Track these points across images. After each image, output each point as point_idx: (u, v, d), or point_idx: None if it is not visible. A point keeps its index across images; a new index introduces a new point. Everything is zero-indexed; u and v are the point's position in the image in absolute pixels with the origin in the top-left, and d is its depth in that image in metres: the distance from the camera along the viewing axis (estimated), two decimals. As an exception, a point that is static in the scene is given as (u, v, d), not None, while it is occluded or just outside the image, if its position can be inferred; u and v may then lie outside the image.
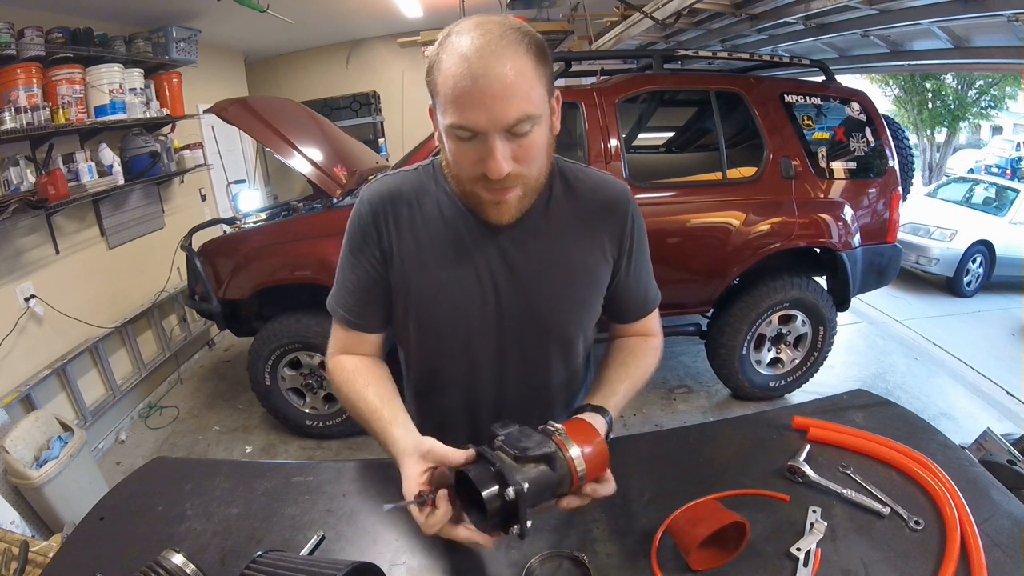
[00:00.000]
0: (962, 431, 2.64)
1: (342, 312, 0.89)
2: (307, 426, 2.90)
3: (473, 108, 0.68)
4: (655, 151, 3.24)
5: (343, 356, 0.90)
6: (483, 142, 0.70)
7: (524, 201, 0.79)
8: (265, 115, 2.95)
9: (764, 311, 2.86)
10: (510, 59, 0.67)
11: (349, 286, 0.88)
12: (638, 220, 0.92)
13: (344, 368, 0.89)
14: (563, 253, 0.86)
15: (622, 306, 0.96)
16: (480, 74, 0.66)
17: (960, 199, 6.34)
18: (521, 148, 0.71)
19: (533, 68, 0.69)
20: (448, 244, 0.84)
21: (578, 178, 0.89)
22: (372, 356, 0.92)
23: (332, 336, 0.93)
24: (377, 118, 6.21)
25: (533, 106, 0.69)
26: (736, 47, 4.42)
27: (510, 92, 0.67)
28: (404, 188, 0.86)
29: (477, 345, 0.87)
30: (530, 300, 0.86)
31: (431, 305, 0.85)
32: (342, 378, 0.88)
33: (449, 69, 0.69)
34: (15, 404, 2.41)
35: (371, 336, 0.91)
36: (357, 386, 0.85)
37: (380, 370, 0.90)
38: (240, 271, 2.70)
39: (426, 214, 0.85)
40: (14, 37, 2.45)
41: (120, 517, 0.84)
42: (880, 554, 0.69)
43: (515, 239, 0.84)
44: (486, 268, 0.84)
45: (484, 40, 0.68)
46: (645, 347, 0.95)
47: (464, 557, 0.73)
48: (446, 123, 0.71)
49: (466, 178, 0.76)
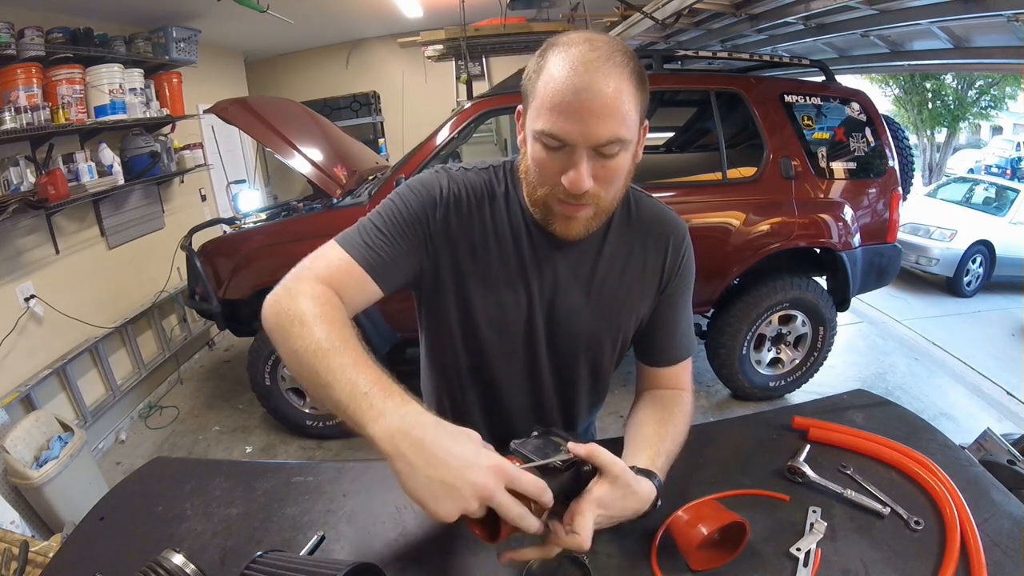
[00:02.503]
0: (962, 431, 2.64)
1: (365, 252, 0.76)
2: (307, 426, 2.90)
3: (569, 119, 0.67)
4: (655, 151, 3.24)
5: (330, 289, 0.73)
6: (569, 155, 0.69)
7: (593, 222, 0.78)
8: (265, 115, 2.95)
9: (764, 311, 2.86)
10: (615, 80, 0.67)
11: (385, 240, 0.78)
12: (688, 261, 0.90)
13: (336, 304, 0.71)
14: (612, 282, 0.86)
15: (652, 344, 0.92)
16: (583, 87, 0.66)
17: (960, 199, 6.34)
18: (605, 169, 0.71)
19: (633, 93, 0.69)
20: (509, 254, 0.83)
21: (640, 206, 0.88)
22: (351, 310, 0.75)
23: (320, 259, 0.77)
24: (377, 118, 6.21)
25: (626, 130, 0.69)
26: (736, 47, 4.42)
27: (608, 112, 0.67)
28: (480, 187, 0.84)
29: (515, 356, 0.88)
30: (574, 324, 0.86)
31: (479, 313, 0.84)
32: (329, 313, 0.68)
33: (552, 76, 0.68)
34: (15, 404, 2.41)
35: (373, 289, 0.77)
36: (349, 331, 0.67)
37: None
38: (240, 271, 2.70)
39: (495, 218, 0.83)
40: (14, 37, 2.45)
41: (120, 517, 0.84)
42: (880, 554, 0.69)
43: (572, 260, 0.84)
44: (538, 287, 0.84)
45: (593, 56, 0.67)
46: (679, 404, 0.88)
47: (464, 557, 0.73)
48: (536, 128, 0.70)
49: (544, 186, 0.74)
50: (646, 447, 0.78)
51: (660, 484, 0.71)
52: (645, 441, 0.79)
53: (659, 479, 0.72)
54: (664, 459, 0.76)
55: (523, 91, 0.74)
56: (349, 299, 0.74)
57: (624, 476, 0.65)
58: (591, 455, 0.64)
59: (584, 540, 0.61)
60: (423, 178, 0.83)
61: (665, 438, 0.80)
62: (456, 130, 2.72)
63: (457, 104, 4.25)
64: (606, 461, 0.65)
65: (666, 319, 0.91)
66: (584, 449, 0.64)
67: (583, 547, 0.61)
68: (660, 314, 0.91)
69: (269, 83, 5.94)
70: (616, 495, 0.65)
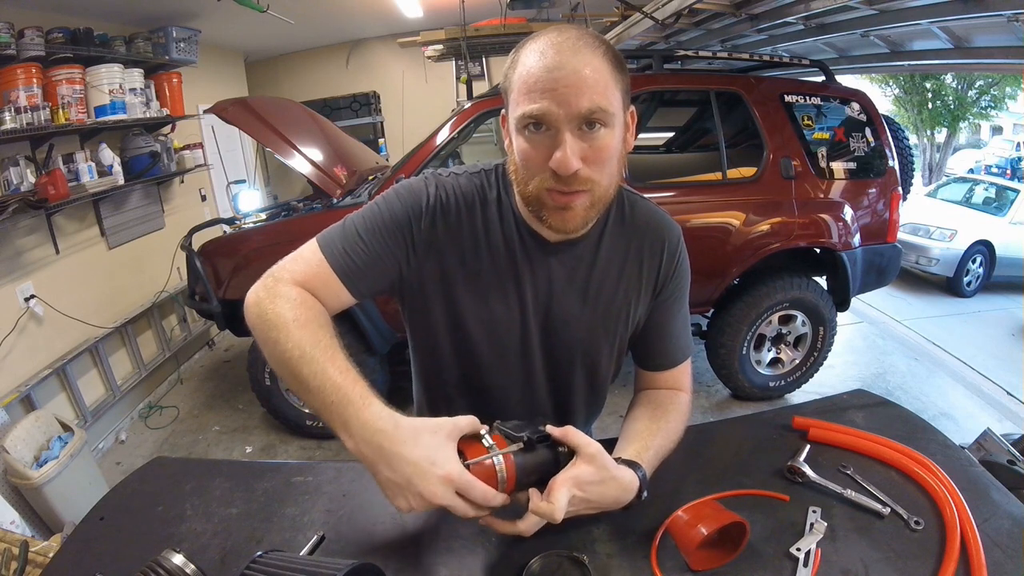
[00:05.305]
0: (962, 431, 2.64)
1: (341, 259, 0.77)
2: (307, 426, 2.90)
3: (546, 96, 0.66)
4: (655, 151, 3.24)
5: (305, 291, 0.76)
6: (553, 137, 0.68)
7: (591, 212, 0.74)
8: (265, 115, 2.96)
9: (764, 311, 2.86)
10: (587, 56, 0.67)
11: (364, 247, 0.78)
12: (683, 264, 0.89)
13: (310, 306, 0.73)
14: (608, 286, 0.85)
15: (649, 349, 0.92)
16: (556, 66, 0.66)
17: (960, 199, 6.34)
18: (592, 149, 0.69)
19: (609, 72, 0.69)
20: (501, 260, 0.82)
21: (634, 208, 0.87)
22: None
23: (299, 260, 0.78)
24: (377, 118, 6.21)
25: (607, 102, 0.68)
26: (736, 47, 4.42)
27: (585, 84, 0.66)
28: (470, 192, 0.82)
29: (508, 364, 0.87)
30: (570, 331, 0.85)
31: (470, 320, 0.83)
32: (304, 314, 0.71)
33: (525, 64, 0.69)
34: (15, 404, 2.41)
35: (346, 296, 0.78)
36: (323, 334, 0.71)
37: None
38: (240, 271, 2.70)
39: (487, 223, 0.82)
40: (14, 37, 2.45)
41: (120, 517, 0.84)
42: (880, 554, 0.69)
43: (566, 265, 0.83)
44: (532, 293, 0.83)
45: (561, 39, 0.68)
46: (675, 403, 0.88)
47: (464, 557, 0.73)
48: (516, 115, 0.70)
49: (533, 179, 0.72)
50: (635, 440, 0.79)
51: (645, 475, 0.72)
52: (635, 435, 0.81)
53: (644, 470, 0.73)
54: (653, 453, 0.77)
55: (502, 92, 0.74)
56: (324, 301, 0.77)
57: (601, 458, 0.67)
58: (566, 435, 0.67)
59: (556, 509, 0.62)
60: (411, 183, 0.82)
61: (656, 433, 0.80)
62: (456, 130, 2.72)
63: (457, 104, 4.26)
64: (581, 441, 0.67)
65: (662, 323, 0.90)
66: (560, 430, 0.67)
67: (554, 516, 0.63)
68: (656, 318, 0.90)
69: (269, 83, 5.94)
70: (594, 477, 0.66)
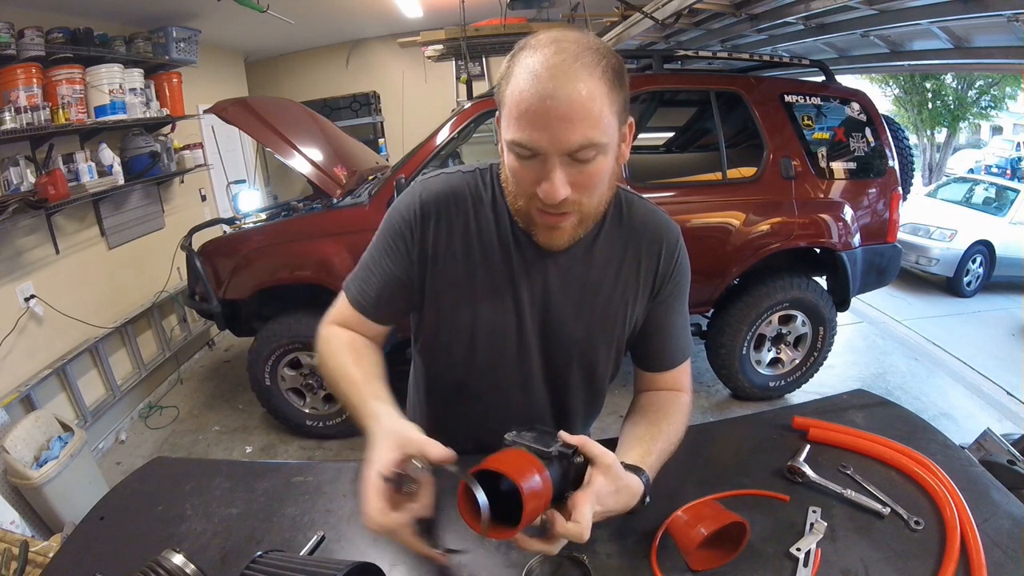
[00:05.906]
0: (962, 431, 2.64)
1: (356, 294, 0.86)
2: (307, 426, 2.90)
3: (536, 127, 0.65)
4: (655, 151, 3.24)
5: (339, 327, 0.87)
6: (542, 164, 0.67)
7: (579, 229, 0.75)
8: (265, 115, 2.95)
9: (764, 311, 2.86)
10: (583, 82, 0.64)
11: (374, 276, 0.85)
12: (682, 264, 0.88)
13: (338, 337, 0.86)
14: (605, 287, 0.84)
15: (648, 350, 0.91)
16: (548, 94, 0.63)
17: (960, 199, 6.34)
18: (582, 175, 0.68)
19: (606, 94, 0.66)
20: (496, 262, 0.81)
21: (631, 209, 0.85)
22: (369, 339, 0.88)
23: (336, 305, 0.89)
24: (377, 118, 6.21)
25: (600, 133, 0.66)
26: (736, 47, 4.42)
27: (577, 116, 0.64)
28: (463, 193, 0.82)
29: (505, 366, 0.86)
30: (568, 332, 0.85)
31: (465, 323, 0.84)
32: (331, 347, 0.84)
33: (518, 84, 0.66)
34: (15, 404, 2.41)
35: (375, 326, 0.87)
36: (344, 357, 0.82)
37: (373, 353, 0.86)
38: (240, 271, 2.70)
39: (481, 225, 0.81)
40: (14, 37, 2.45)
41: (120, 517, 0.84)
42: (880, 554, 0.69)
43: (562, 267, 0.82)
44: (528, 296, 0.83)
45: (558, 59, 0.64)
46: (676, 404, 0.87)
47: (463, 557, 0.72)
48: (507, 138, 0.69)
49: (522, 197, 0.73)
50: (637, 445, 0.78)
51: (648, 481, 0.71)
52: (637, 439, 0.79)
53: (647, 476, 0.72)
54: (655, 457, 0.76)
55: (496, 98, 0.73)
56: (363, 334, 0.87)
57: (616, 468, 0.66)
58: (583, 445, 0.65)
59: (584, 529, 0.61)
60: (401, 200, 0.84)
61: (657, 437, 0.79)
62: (456, 130, 2.72)
63: (457, 104, 4.26)
64: (598, 452, 0.65)
65: (661, 324, 0.89)
66: (577, 439, 0.66)
67: (582, 537, 0.61)
68: (655, 319, 0.89)
69: (269, 83, 5.94)
70: (609, 488, 0.65)
